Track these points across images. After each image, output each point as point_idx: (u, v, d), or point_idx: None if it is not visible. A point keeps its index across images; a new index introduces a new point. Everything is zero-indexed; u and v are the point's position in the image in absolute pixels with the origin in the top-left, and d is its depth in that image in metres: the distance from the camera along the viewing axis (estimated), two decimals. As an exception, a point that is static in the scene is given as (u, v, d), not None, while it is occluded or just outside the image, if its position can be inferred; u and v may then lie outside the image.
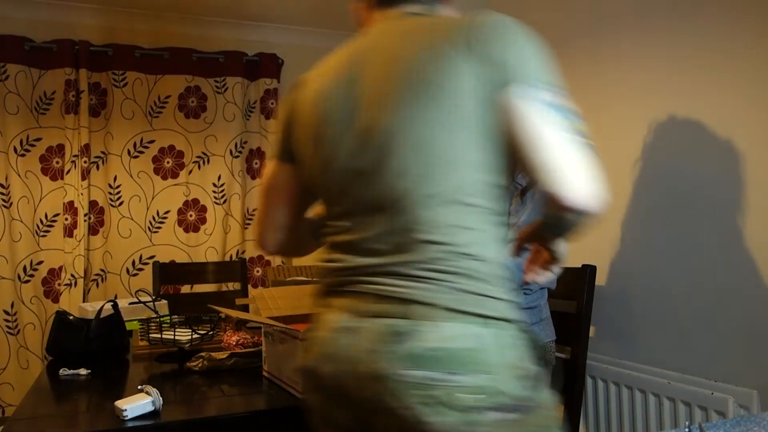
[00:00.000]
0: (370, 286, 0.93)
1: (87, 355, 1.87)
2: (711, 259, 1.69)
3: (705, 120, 1.70)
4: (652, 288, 1.86)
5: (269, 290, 1.85)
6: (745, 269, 1.59)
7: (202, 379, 1.63)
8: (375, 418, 0.91)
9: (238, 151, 3.60)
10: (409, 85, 0.91)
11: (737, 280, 1.61)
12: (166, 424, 1.29)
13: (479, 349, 0.85)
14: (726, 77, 1.64)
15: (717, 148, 1.66)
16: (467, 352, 0.85)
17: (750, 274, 1.58)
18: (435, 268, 0.88)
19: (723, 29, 1.64)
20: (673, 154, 1.79)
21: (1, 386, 3.14)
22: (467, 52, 0.89)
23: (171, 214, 3.48)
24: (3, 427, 1.27)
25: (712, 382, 1.65)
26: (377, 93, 0.95)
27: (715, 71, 1.67)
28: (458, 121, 0.88)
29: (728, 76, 1.64)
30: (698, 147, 1.72)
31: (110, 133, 3.38)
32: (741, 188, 1.61)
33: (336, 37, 3.98)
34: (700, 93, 1.71)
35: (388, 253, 0.92)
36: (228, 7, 3.47)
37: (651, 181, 1.83)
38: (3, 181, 3.18)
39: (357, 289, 0.95)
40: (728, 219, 1.64)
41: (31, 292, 3.20)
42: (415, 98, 0.90)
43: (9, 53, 3.17)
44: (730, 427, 0.82)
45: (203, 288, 3.25)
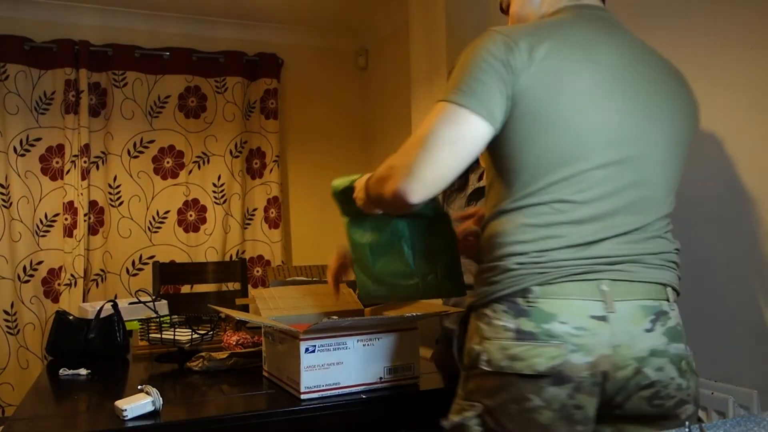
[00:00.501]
0: (622, 272, 1.01)
1: (87, 355, 1.87)
2: (711, 259, 1.69)
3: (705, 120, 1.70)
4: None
5: (269, 290, 1.85)
6: (746, 269, 1.59)
7: (202, 379, 1.63)
8: (628, 398, 1.01)
9: (238, 151, 3.61)
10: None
11: (737, 280, 1.61)
12: (166, 424, 1.28)
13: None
14: (726, 77, 1.64)
15: (717, 148, 1.66)
16: (683, 327, 1.07)
17: (750, 273, 1.58)
18: (673, 260, 1.09)
19: (723, 29, 1.64)
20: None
21: (1, 386, 3.14)
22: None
23: (171, 214, 3.49)
24: (3, 427, 1.27)
25: (712, 382, 1.64)
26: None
27: (716, 71, 1.67)
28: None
29: (729, 77, 1.64)
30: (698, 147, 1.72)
31: (110, 133, 3.38)
32: (741, 188, 1.61)
33: (336, 37, 4.00)
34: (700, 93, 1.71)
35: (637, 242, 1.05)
36: (228, 7, 3.47)
37: (651, 181, 1.84)
38: (3, 181, 3.18)
39: (603, 277, 1.00)
40: (728, 219, 1.64)
41: (31, 292, 3.20)
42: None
43: (9, 53, 3.18)
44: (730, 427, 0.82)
45: (203, 288, 3.25)
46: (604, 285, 1.00)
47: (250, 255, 3.65)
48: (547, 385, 0.97)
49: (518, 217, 1.03)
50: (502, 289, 1.02)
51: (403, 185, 1.00)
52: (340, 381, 1.42)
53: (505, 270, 1.02)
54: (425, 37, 2.81)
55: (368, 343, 1.44)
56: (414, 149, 1.01)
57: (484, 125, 1.00)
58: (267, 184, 3.68)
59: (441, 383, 1.60)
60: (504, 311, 1.01)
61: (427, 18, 2.80)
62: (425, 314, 1.55)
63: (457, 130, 0.99)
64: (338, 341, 1.41)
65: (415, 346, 1.51)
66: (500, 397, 1.00)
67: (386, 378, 1.46)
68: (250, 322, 2.08)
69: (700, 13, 1.70)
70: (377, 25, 3.75)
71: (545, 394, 0.97)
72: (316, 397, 1.39)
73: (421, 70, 2.75)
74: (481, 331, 1.04)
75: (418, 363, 1.52)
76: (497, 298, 1.02)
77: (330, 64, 3.95)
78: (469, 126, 1.00)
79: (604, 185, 1.02)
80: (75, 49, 3.27)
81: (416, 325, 1.51)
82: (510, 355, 0.99)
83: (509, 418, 0.99)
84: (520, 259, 1.01)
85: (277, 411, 1.36)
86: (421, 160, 0.99)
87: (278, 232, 3.68)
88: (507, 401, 1.00)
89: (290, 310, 1.72)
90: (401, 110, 3.38)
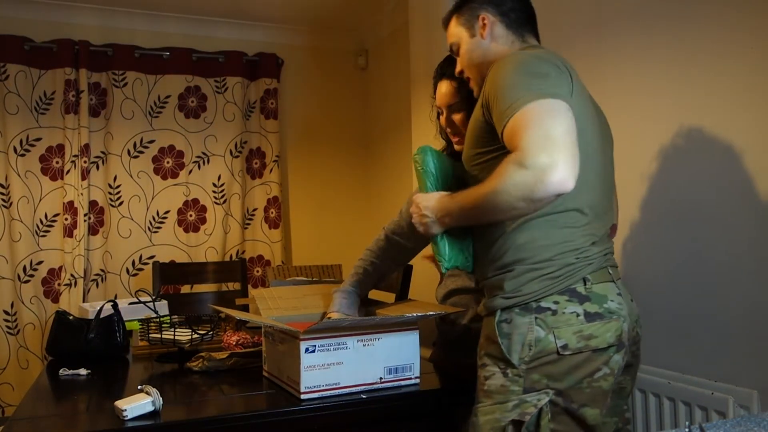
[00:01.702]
0: (610, 260, 1.30)
1: (87, 355, 1.87)
2: (711, 259, 1.69)
3: (705, 120, 1.70)
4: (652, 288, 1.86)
5: (269, 290, 1.85)
6: (746, 269, 1.59)
7: (202, 379, 1.63)
8: (629, 353, 1.26)
9: (238, 151, 3.61)
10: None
11: (737, 280, 1.61)
12: (166, 424, 1.28)
13: None
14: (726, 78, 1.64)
15: (717, 149, 1.66)
16: None
17: (750, 274, 1.58)
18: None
19: (724, 29, 1.64)
20: (673, 155, 1.80)
21: (1, 386, 3.14)
22: None
23: (171, 214, 3.48)
24: (3, 427, 1.27)
25: (712, 382, 1.64)
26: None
27: (716, 72, 1.67)
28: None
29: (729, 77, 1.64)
30: (699, 148, 1.72)
31: (110, 133, 3.38)
32: (741, 189, 1.61)
33: (336, 37, 4.00)
34: (701, 93, 1.71)
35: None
36: (228, 7, 3.47)
37: (651, 182, 1.84)
38: (3, 181, 3.18)
39: (607, 264, 1.27)
40: (728, 219, 1.64)
41: (31, 292, 3.20)
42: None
43: (9, 53, 3.18)
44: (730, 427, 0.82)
45: (203, 288, 3.25)
46: (610, 270, 1.26)
47: (250, 255, 3.65)
48: (612, 354, 1.19)
49: (562, 219, 1.22)
50: (564, 281, 1.19)
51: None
52: (340, 381, 1.42)
53: (565, 264, 1.20)
54: (425, 37, 2.81)
55: (368, 343, 1.44)
56: (559, 141, 1.04)
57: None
58: (267, 184, 3.68)
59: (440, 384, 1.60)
60: (568, 300, 1.19)
61: (427, 18, 2.80)
62: (425, 314, 1.55)
63: (567, 115, 1.09)
64: (338, 341, 1.41)
65: (415, 346, 1.51)
66: (576, 376, 1.17)
67: (386, 378, 1.46)
68: (250, 322, 2.08)
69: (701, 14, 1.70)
70: (377, 25, 3.75)
71: (611, 362, 1.19)
72: (316, 397, 1.39)
73: (421, 70, 2.75)
74: (544, 323, 1.18)
75: (419, 363, 1.52)
76: (560, 290, 1.19)
77: (330, 64, 3.95)
78: (566, 110, 1.10)
79: (600, 195, 1.29)
80: (75, 49, 3.27)
81: (416, 326, 1.51)
82: (585, 335, 1.17)
83: (581, 393, 1.18)
84: (576, 255, 1.21)
85: (277, 411, 1.36)
86: (569, 150, 1.04)
87: (278, 232, 3.68)
88: (582, 377, 1.17)
89: (290, 310, 1.72)
90: (401, 110, 3.38)
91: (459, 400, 1.58)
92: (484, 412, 1.22)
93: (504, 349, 1.20)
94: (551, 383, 1.18)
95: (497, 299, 1.24)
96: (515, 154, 1.07)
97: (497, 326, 1.23)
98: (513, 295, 1.22)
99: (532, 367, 1.18)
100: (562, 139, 1.05)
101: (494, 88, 1.18)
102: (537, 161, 1.03)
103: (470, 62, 1.38)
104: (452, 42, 1.42)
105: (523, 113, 1.08)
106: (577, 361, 1.17)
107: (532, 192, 1.04)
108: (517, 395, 1.19)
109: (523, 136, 1.06)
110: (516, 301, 1.21)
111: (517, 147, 1.06)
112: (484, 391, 1.24)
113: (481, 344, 1.29)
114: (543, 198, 1.05)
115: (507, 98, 1.13)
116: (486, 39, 1.35)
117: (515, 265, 1.23)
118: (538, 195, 1.04)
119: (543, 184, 1.02)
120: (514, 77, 1.15)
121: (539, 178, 1.02)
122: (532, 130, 1.06)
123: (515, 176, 1.05)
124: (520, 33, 1.37)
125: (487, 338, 1.27)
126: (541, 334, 1.18)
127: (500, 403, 1.20)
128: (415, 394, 1.47)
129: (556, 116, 1.07)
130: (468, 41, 1.38)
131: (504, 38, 1.36)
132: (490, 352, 1.24)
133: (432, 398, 1.50)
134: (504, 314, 1.22)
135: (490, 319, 1.26)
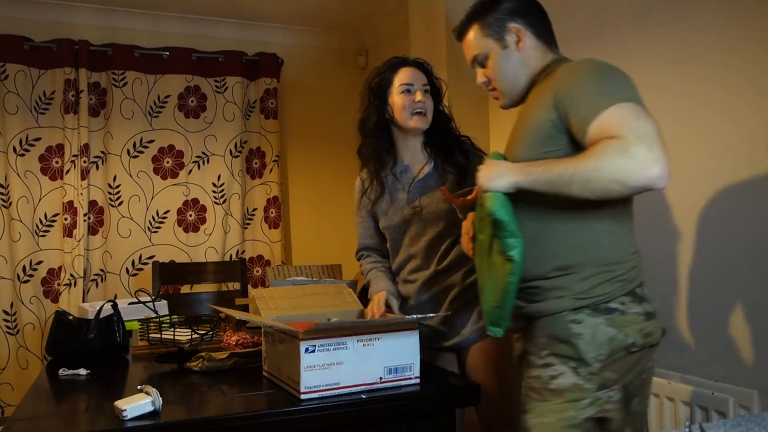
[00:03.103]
0: None
1: (87, 355, 1.87)
2: (711, 260, 1.69)
3: (706, 120, 1.70)
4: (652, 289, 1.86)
5: (269, 290, 1.85)
6: (746, 269, 1.59)
7: (201, 379, 1.62)
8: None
9: (237, 151, 3.60)
10: None
11: (737, 280, 1.61)
12: (166, 424, 1.28)
13: None
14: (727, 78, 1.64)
15: (718, 148, 1.66)
16: None
17: (750, 274, 1.58)
18: None
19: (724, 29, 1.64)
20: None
21: (1, 386, 3.14)
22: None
23: (171, 214, 3.48)
24: (3, 427, 1.27)
25: (712, 382, 1.64)
26: None
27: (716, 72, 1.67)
28: None
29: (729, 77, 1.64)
30: (699, 147, 1.72)
31: (110, 133, 3.37)
32: (741, 188, 1.60)
33: (336, 37, 3.99)
34: (701, 93, 1.71)
35: None
36: (228, 7, 3.47)
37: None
38: (2, 181, 3.18)
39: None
40: (728, 218, 1.64)
41: (30, 292, 3.20)
42: None
43: (9, 53, 3.17)
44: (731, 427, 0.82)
45: (203, 288, 3.25)
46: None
47: (250, 255, 3.65)
48: (656, 349, 1.29)
49: (620, 220, 1.28)
50: (630, 282, 1.26)
51: (663, 172, 1.08)
52: (340, 381, 1.41)
53: (632, 267, 1.27)
54: (425, 37, 2.81)
55: (368, 344, 1.44)
56: (654, 140, 1.09)
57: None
58: (267, 184, 3.67)
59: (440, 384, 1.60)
60: (631, 301, 1.25)
61: (427, 18, 2.80)
62: (425, 316, 1.55)
63: (653, 119, 1.14)
64: (338, 341, 1.41)
65: (415, 347, 1.50)
66: (636, 370, 1.26)
67: (386, 378, 1.46)
68: (250, 322, 2.08)
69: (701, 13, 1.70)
70: (377, 25, 3.75)
71: (655, 355, 1.30)
72: (316, 397, 1.39)
73: (421, 70, 2.74)
74: (614, 323, 1.23)
75: (419, 363, 1.51)
76: (626, 292, 1.25)
77: (330, 64, 3.95)
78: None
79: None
80: (75, 49, 3.26)
81: (416, 326, 1.51)
82: (646, 333, 1.25)
83: (637, 386, 1.27)
84: (637, 258, 1.29)
85: (277, 411, 1.36)
86: (663, 149, 1.10)
87: (278, 232, 3.68)
88: (641, 371, 1.27)
89: (290, 310, 1.72)
90: (401, 110, 3.38)
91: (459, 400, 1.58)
92: (555, 410, 1.24)
93: (578, 348, 1.23)
94: (621, 378, 1.24)
95: (565, 300, 1.26)
96: (617, 141, 1.10)
97: (568, 326, 1.25)
98: (584, 297, 1.25)
99: (606, 365, 1.22)
100: (658, 139, 1.10)
101: (576, 88, 1.21)
102: (641, 151, 1.08)
103: (503, 74, 1.38)
104: (477, 54, 1.40)
105: (617, 110, 1.14)
106: (638, 357, 1.25)
107: (630, 178, 1.09)
108: (591, 393, 1.23)
109: (624, 128, 1.11)
110: (588, 303, 1.25)
111: (617, 136, 1.11)
112: (551, 390, 1.26)
113: (542, 344, 1.29)
114: (638, 187, 1.10)
115: (595, 96, 1.17)
116: (521, 51, 1.36)
117: (582, 267, 1.26)
118: (636, 183, 1.09)
119: (644, 174, 1.08)
120: (598, 80, 1.21)
121: (642, 166, 1.07)
122: (634, 124, 1.11)
123: (617, 159, 1.09)
124: (548, 43, 1.39)
125: (552, 338, 1.27)
126: (613, 333, 1.23)
127: (573, 401, 1.23)
128: (415, 394, 1.47)
129: (648, 118, 1.13)
130: (499, 53, 1.37)
131: (536, 49, 1.37)
132: (559, 351, 1.26)
133: (432, 398, 1.50)
134: (573, 314, 1.25)
135: (555, 319, 1.27)
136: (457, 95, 2.47)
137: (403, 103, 1.76)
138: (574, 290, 1.26)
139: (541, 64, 1.37)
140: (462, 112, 2.04)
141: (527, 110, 1.34)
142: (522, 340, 1.39)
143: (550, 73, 1.33)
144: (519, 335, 1.42)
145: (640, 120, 1.12)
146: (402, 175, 1.83)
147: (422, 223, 1.78)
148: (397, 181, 1.83)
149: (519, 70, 1.37)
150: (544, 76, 1.35)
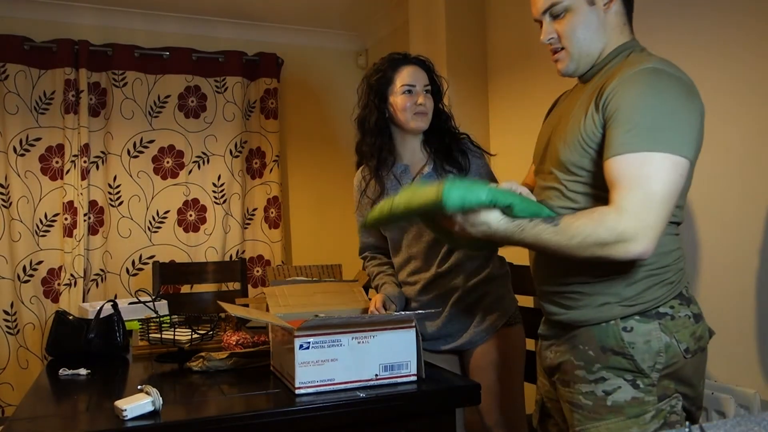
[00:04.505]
0: None
1: (87, 355, 1.87)
2: (711, 259, 1.69)
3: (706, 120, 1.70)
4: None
5: (281, 288, 1.86)
6: (746, 269, 1.59)
7: (201, 379, 1.62)
8: None
9: (237, 151, 3.60)
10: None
11: (737, 279, 1.61)
12: (166, 424, 1.28)
13: None
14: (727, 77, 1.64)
15: (719, 148, 1.66)
16: None
17: (750, 274, 1.58)
18: None
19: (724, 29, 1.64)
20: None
21: (1, 386, 3.14)
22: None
23: (171, 214, 3.48)
24: (3, 427, 1.27)
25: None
26: None
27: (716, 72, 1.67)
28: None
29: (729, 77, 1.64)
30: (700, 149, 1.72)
31: (110, 133, 3.38)
32: (742, 188, 1.61)
33: (336, 37, 3.99)
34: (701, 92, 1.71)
35: None
36: (228, 7, 3.47)
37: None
38: (2, 181, 3.18)
39: None
40: (728, 219, 1.64)
41: (30, 292, 3.20)
42: None
43: (9, 53, 3.17)
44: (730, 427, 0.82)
45: (203, 288, 3.25)
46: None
47: (250, 255, 3.65)
48: (707, 352, 1.24)
49: (670, 228, 1.20)
50: (677, 285, 1.20)
51: (648, 247, 1.06)
52: (334, 377, 1.42)
53: (679, 270, 1.21)
54: (425, 37, 2.81)
55: (363, 341, 1.44)
56: (655, 210, 1.05)
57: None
58: (267, 184, 3.68)
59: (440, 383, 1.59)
60: (680, 304, 1.19)
61: (427, 18, 2.80)
62: (420, 312, 1.56)
63: (681, 180, 1.08)
64: (333, 338, 1.42)
65: (411, 344, 1.50)
66: (696, 376, 1.20)
67: (382, 375, 1.46)
68: (250, 322, 2.08)
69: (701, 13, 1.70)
70: (377, 25, 3.75)
71: (706, 357, 1.24)
72: (311, 392, 1.39)
73: (421, 70, 2.74)
74: (666, 329, 1.17)
75: (416, 361, 1.51)
76: (674, 295, 1.19)
77: (330, 64, 3.95)
78: (685, 173, 1.10)
79: None
80: (75, 49, 3.27)
81: (413, 323, 1.51)
82: (697, 336, 1.19)
83: (699, 393, 1.23)
84: (683, 259, 1.23)
85: (277, 411, 1.36)
86: (661, 220, 1.06)
87: (278, 232, 3.68)
88: (694, 375, 1.20)
89: (299, 307, 1.74)
90: (401, 110, 3.38)
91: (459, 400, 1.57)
92: (616, 430, 1.16)
93: (633, 359, 1.16)
94: (678, 387, 1.18)
95: (614, 307, 1.18)
96: (609, 220, 1.06)
97: (620, 336, 1.17)
98: (634, 303, 1.17)
99: (665, 374, 1.16)
100: (662, 208, 1.06)
101: (625, 106, 1.11)
102: (629, 229, 1.04)
103: (580, 34, 1.22)
104: (557, 2, 1.22)
105: (643, 158, 1.07)
106: (694, 361, 1.19)
107: (611, 258, 1.08)
108: (653, 405, 1.15)
109: (631, 192, 1.06)
110: (638, 309, 1.17)
111: (617, 201, 1.07)
112: (608, 408, 1.17)
113: (591, 357, 1.20)
114: (615, 259, 1.08)
115: (635, 130, 1.08)
116: (607, 14, 1.22)
117: (631, 271, 1.17)
118: (612, 256, 1.07)
119: (626, 254, 1.06)
120: (652, 111, 1.09)
121: (628, 249, 1.05)
122: (645, 187, 1.05)
123: (596, 250, 1.07)
124: (629, 17, 1.26)
125: (604, 350, 1.18)
126: (667, 339, 1.16)
127: (635, 417, 1.15)
128: (415, 393, 1.47)
129: (666, 178, 1.06)
130: (584, 9, 1.21)
131: (620, 18, 1.24)
132: (612, 364, 1.17)
133: (432, 398, 1.50)
134: (623, 322, 1.17)
135: (605, 328, 1.19)
136: (457, 94, 2.47)
137: (405, 104, 1.75)
138: (621, 296, 1.17)
139: (617, 38, 1.23)
140: (462, 111, 2.04)
141: (572, 106, 1.25)
142: (554, 349, 1.30)
143: (614, 67, 1.21)
144: (550, 343, 1.32)
145: (656, 182, 1.05)
146: (401, 175, 1.83)
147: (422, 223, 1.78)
148: (396, 181, 1.83)
149: (597, 35, 1.22)
150: (609, 66, 1.22)
